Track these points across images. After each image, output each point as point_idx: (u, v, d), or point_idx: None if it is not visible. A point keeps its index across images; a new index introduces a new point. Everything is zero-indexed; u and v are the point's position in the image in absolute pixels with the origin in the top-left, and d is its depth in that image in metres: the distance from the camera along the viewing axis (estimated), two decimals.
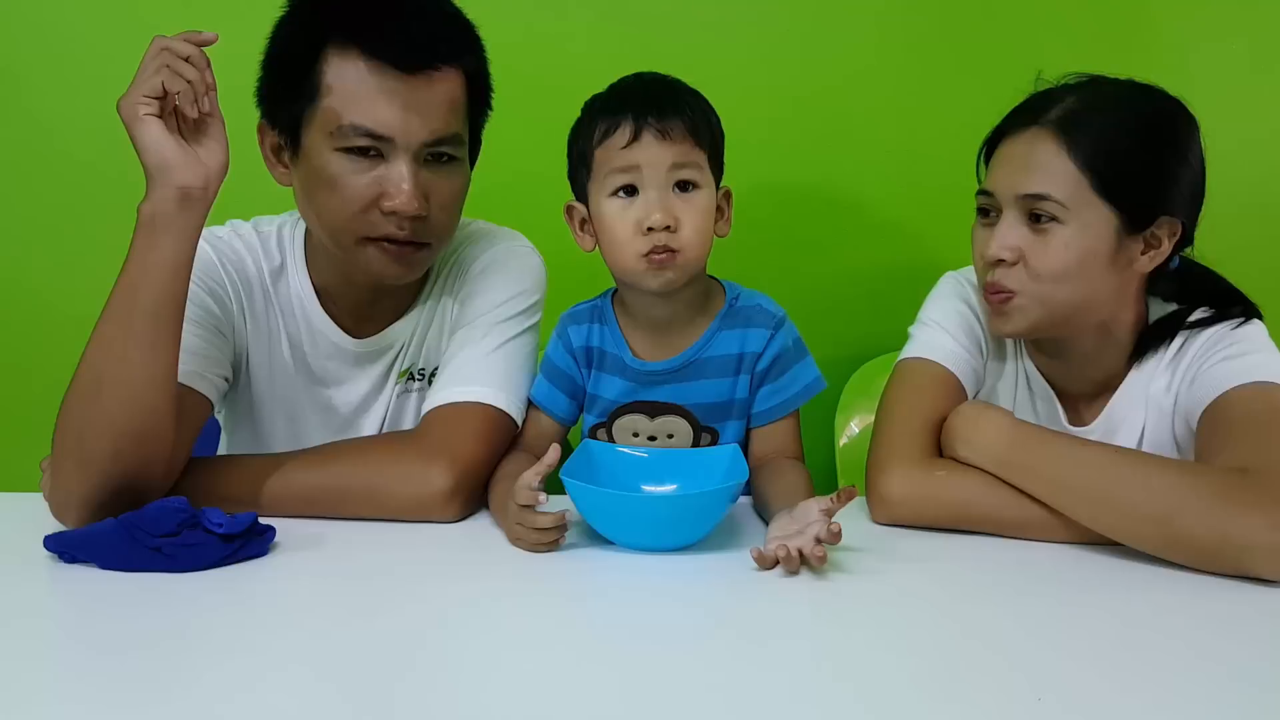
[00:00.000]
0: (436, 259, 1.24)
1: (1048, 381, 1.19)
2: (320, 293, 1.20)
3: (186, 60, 0.96)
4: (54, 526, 1.00)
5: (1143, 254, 1.09)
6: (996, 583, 0.95)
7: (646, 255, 1.08)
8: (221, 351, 1.15)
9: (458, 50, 1.10)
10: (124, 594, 0.88)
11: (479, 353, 1.16)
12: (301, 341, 1.21)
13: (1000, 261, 1.09)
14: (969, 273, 1.24)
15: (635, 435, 1.17)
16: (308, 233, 1.21)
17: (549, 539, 0.98)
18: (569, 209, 1.16)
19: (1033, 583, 0.95)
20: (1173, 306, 1.15)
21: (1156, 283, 1.14)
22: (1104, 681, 0.75)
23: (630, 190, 1.08)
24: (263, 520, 0.97)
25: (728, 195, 1.15)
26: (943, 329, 1.20)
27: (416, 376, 1.24)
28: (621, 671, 0.76)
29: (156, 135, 0.96)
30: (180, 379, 1.04)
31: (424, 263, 1.15)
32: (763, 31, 1.57)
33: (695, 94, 1.13)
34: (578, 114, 1.15)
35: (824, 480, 1.50)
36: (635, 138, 1.07)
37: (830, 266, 1.64)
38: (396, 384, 1.24)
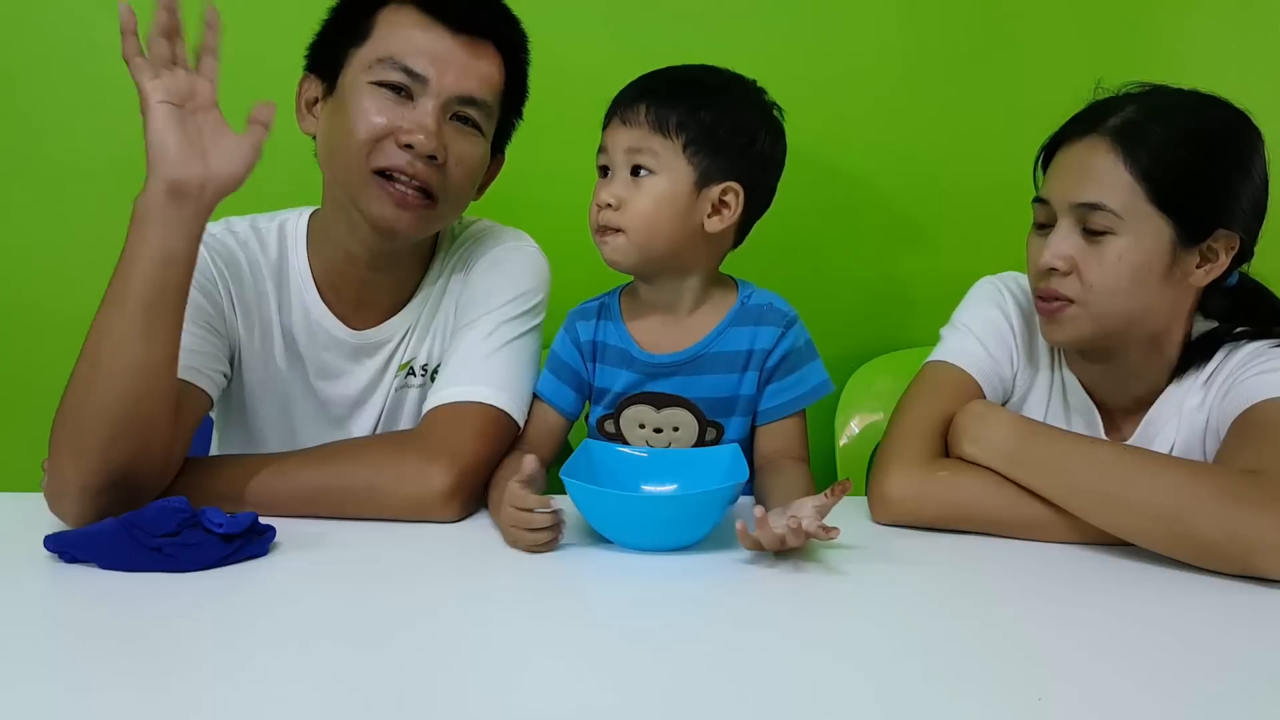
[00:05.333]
0: (442, 247, 1.25)
1: (1089, 393, 1.17)
2: (320, 284, 1.21)
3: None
4: (54, 526, 1.00)
5: (1198, 267, 1.07)
6: (999, 582, 0.96)
7: (598, 231, 1.14)
8: (217, 348, 1.15)
9: (504, 32, 1.16)
10: (124, 593, 0.88)
11: (481, 352, 1.16)
12: (298, 335, 1.21)
13: (1053, 270, 1.07)
14: (1008, 279, 1.23)
15: (642, 426, 1.18)
16: (312, 219, 1.22)
17: (544, 539, 0.98)
18: None
19: (1035, 582, 0.95)
20: (1214, 324, 1.13)
21: (1209, 299, 1.12)
22: (1105, 681, 0.75)
23: (605, 171, 1.14)
24: (263, 520, 0.97)
25: (733, 191, 1.13)
26: (973, 334, 1.19)
27: (417, 372, 1.24)
28: (622, 671, 0.76)
29: (160, 125, 0.95)
30: (179, 374, 1.04)
31: (428, 222, 1.15)
32: (764, 35, 1.57)
33: (700, 88, 1.13)
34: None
35: (825, 480, 1.50)
36: (607, 124, 1.14)
37: (831, 266, 1.64)
38: (395, 377, 1.24)
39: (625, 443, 1.18)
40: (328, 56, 1.14)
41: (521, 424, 1.17)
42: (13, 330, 1.62)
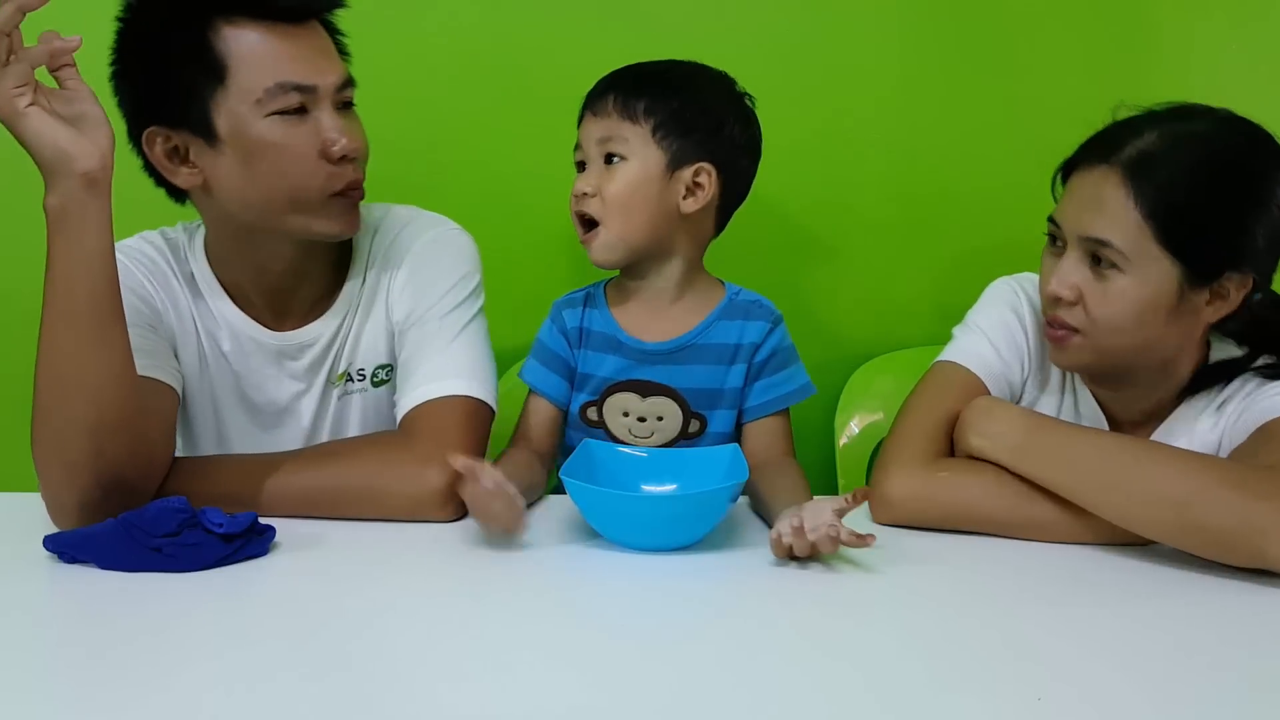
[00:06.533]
0: (360, 241, 1.22)
1: (1099, 405, 1.16)
2: (233, 292, 1.19)
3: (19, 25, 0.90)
4: (54, 526, 1.00)
5: (1208, 304, 1.04)
6: (999, 582, 0.95)
7: (581, 225, 1.16)
8: (165, 346, 1.15)
9: (324, 3, 1.10)
10: (124, 594, 0.88)
11: (438, 346, 1.15)
12: (221, 341, 1.19)
13: (1060, 298, 1.06)
14: (1025, 281, 1.21)
15: (625, 415, 1.19)
16: (205, 240, 1.19)
17: (502, 507, 0.96)
18: None
19: (1036, 582, 0.95)
20: (1232, 343, 1.11)
21: (1225, 320, 1.08)
22: (1105, 682, 0.75)
23: (582, 166, 1.17)
24: (262, 520, 0.97)
25: (705, 171, 1.15)
26: (985, 336, 1.17)
27: (355, 377, 1.22)
28: (622, 671, 0.76)
29: (45, 126, 0.92)
30: (142, 372, 1.04)
31: (359, 211, 1.15)
32: (761, 34, 1.57)
33: (665, 77, 1.16)
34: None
35: (824, 480, 1.50)
36: (581, 118, 1.17)
37: (831, 266, 1.64)
38: (335, 387, 1.22)
39: (608, 431, 1.19)
40: (184, 108, 1.05)
41: (495, 408, 1.16)
42: (12, 330, 1.62)
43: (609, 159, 1.14)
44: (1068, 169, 1.10)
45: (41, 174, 0.94)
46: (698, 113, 1.15)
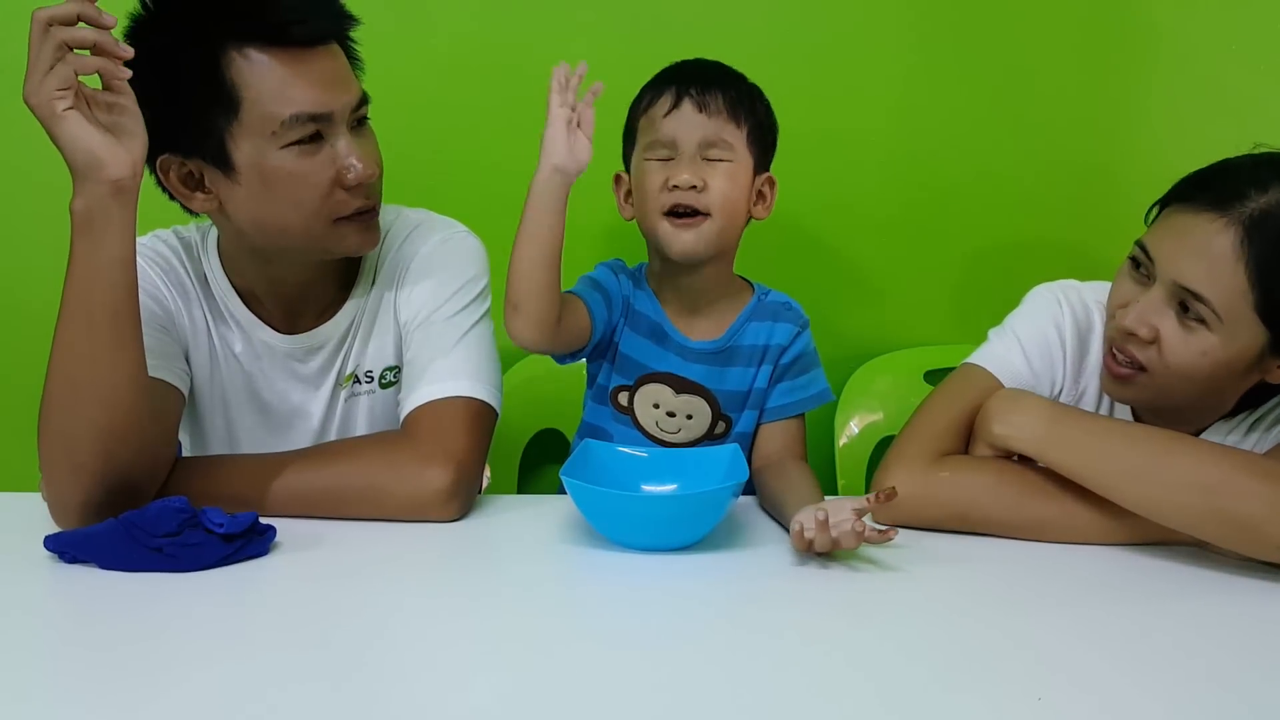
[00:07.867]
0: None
1: (1135, 417, 1.13)
2: (245, 295, 1.19)
3: (81, 43, 0.90)
4: (54, 526, 1.00)
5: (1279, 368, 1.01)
6: (1000, 581, 0.96)
7: (668, 214, 1.12)
8: (174, 347, 1.15)
9: (338, 16, 1.09)
10: (124, 594, 0.88)
11: (444, 347, 1.15)
12: (233, 342, 1.20)
13: (1135, 335, 1.01)
14: (1069, 290, 1.16)
15: (656, 406, 1.19)
16: (219, 243, 1.19)
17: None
18: (617, 178, 1.20)
19: (1036, 582, 0.95)
20: None
21: None
22: (1106, 681, 0.75)
23: (665, 157, 1.13)
24: (263, 520, 0.97)
25: (770, 181, 1.18)
26: (1019, 346, 1.14)
27: (362, 379, 1.23)
28: (621, 671, 0.76)
29: (81, 130, 0.91)
30: (150, 372, 1.04)
31: (379, 226, 1.15)
32: (762, 35, 1.57)
33: (746, 82, 1.17)
34: None
35: (824, 480, 1.50)
36: (675, 106, 1.13)
37: (831, 266, 1.64)
38: (344, 389, 1.23)
39: (635, 419, 1.19)
40: (199, 138, 1.04)
41: (499, 410, 1.16)
42: (12, 330, 1.62)
43: (712, 159, 1.12)
44: (1169, 200, 1.04)
45: (71, 177, 0.94)
46: (771, 124, 1.18)
